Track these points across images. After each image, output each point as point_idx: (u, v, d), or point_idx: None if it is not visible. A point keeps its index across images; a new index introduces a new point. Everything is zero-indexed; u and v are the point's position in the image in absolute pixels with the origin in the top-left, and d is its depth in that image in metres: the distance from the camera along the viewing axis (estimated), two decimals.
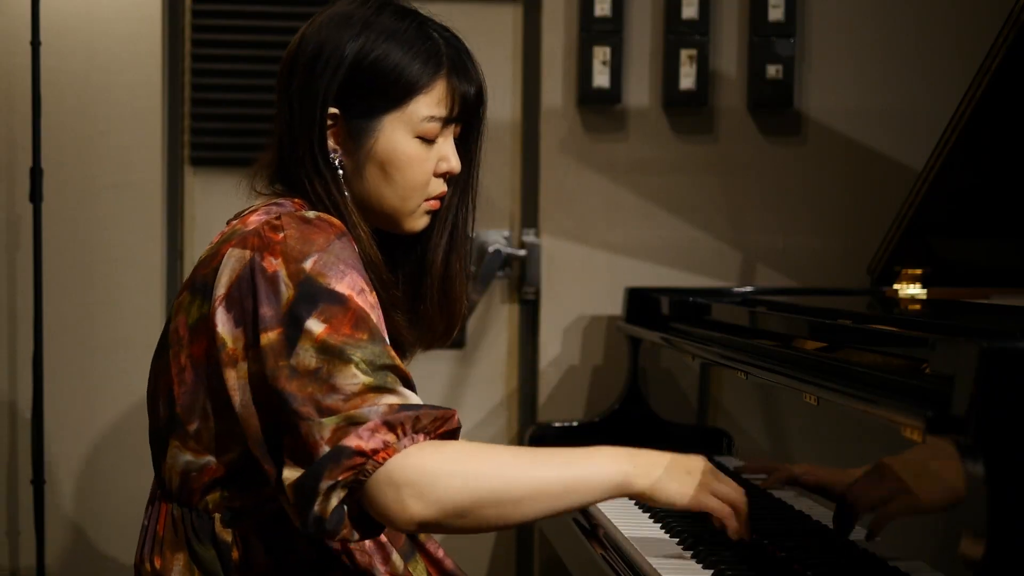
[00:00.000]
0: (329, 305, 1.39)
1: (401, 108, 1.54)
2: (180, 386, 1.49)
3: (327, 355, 1.37)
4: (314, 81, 1.54)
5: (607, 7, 2.95)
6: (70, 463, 2.94)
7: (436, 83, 1.57)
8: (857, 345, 1.63)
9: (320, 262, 1.41)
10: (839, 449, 1.61)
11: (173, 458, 1.50)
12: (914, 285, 2.45)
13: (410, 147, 1.55)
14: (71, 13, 2.92)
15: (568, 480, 1.42)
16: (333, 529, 1.36)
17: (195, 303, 1.49)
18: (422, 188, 1.58)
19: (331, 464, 1.34)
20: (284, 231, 1.43)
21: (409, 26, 1.58)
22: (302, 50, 1.57)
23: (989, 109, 2.06)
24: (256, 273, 1.42)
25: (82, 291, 2.94)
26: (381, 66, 1.53)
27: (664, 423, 2.51)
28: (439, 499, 1.35)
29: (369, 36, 1.54)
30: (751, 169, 3.03)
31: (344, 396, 1.36)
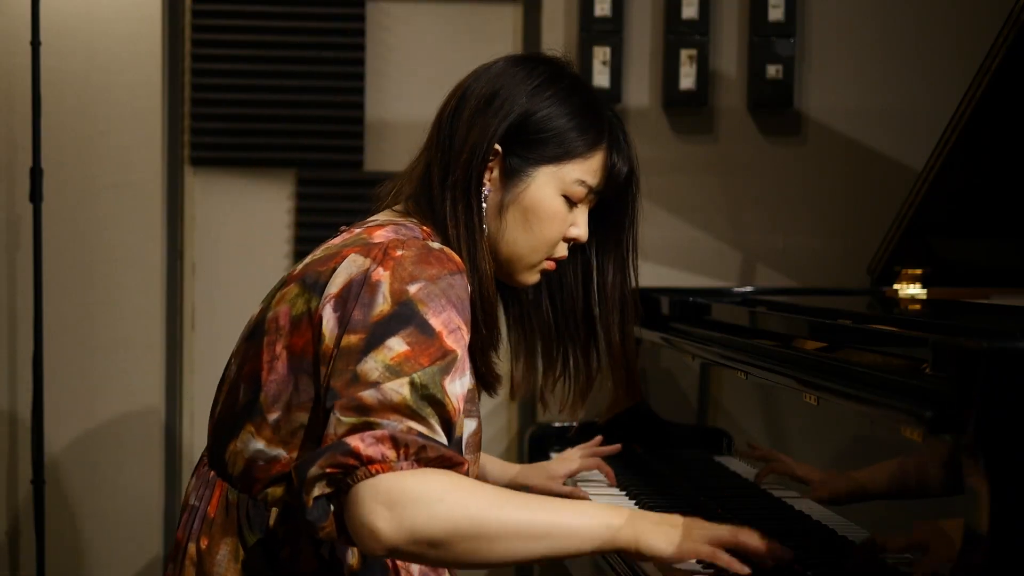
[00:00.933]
0: (417, 332, 1.39)
1: (558, 164, 1.61)
2: (270, 374, 1.49)
3: (393, 375, 1.36)
4: (487, 116, 1.61)
5: (607, 7, 2.95)
6: (70, 463, 2.95)
7: (595, 153, 1.64)
8: (857, 345, 1.63)
9: (425, 291, 1.42)
10: (839, 449, 1.61)
11: (244, 443, 1.50)
12: (914, 285, 2.45)
13: (555, 203, 1.62)
14: (71, 13, 2.92)
15: (551, 526, 1.39)
16: (315, 520, 1.34)
17: (303, 296, 1.49)
18: (551, 244, 1.64)
19: (327, 454, 1.32)
20: (404, 251, 1.46)
21: (584, 95, 1.65)
22: (477, 87, 1.65)
23: (989, 109, 2.06)
24: (365, 280, 1.44)
25: (82, 291, 2.94)
26: (552, 122, 1.61)
27: (664, 423, 2.51)
28: (412, 527, 1.32)
29: (547, 92, 1.62)
30: (751, 169, 3.03)
31: (381, 398, 1.35)
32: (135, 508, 2.97)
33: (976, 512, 1.19)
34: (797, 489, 1.72)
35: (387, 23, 3.05)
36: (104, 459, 2.96)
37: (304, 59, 3.01)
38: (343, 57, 3.02)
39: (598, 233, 1.73)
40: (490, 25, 3.05)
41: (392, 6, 3.05)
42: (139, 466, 2.97)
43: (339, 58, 3.02)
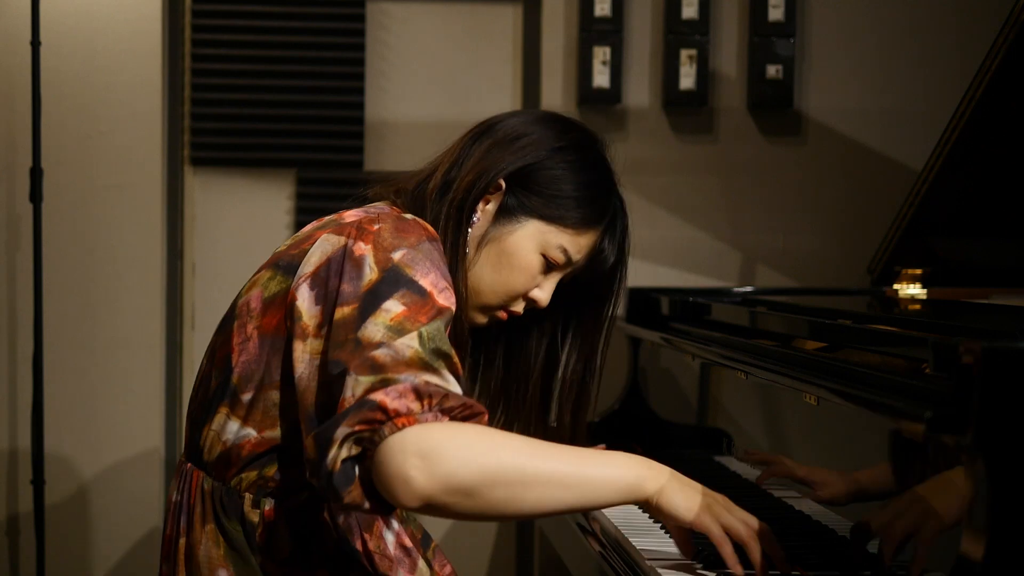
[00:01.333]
0: (410, 292, 1.42)
1: (549, 224, 1.62)
2: (241, 355, 1.51)
3: (396, 333, 1.37)
4: (504, 151, 1.62)
5: (607, 7, 2.95)
6: (70, 463, 2.94)
7: (588, 231, 1.64)
8: (857, 345, 1.63)
9: (408, 256, 1.45)
10: (839, 449, 1.61)
11: (219, 425, 1.52)
12: (914, 285, 2.45)
13: (533, 257, 1.63)
14: (71, 13, 2.92)
15: (582, 474, 1.39)
16: (341, 486, 1.33)
17: (275, 279, 1.52)
18: (512, 295, 1.65)
19: (352, 413, 1.32)
20: (380, 224, 1.49)
21: (603, 173, 1.67)
22: (509, 124, 1.66)
23: (989, 109, 2.06)
24: (346, 256, 1.46)
25: (82, 291, 2.94)
26: (560, 184, 1.62)
27: (664, 423, 2.51)
28: (446, 474, 1.31)
29: (569, 155, 1.63)
30: (751, 169, 3.03)
31: (395, 354, 1.35)
32: (135, 508, 2.97)
33: (976, 512, 1.19)
34: (797, 489, 1.73)
35: (387, 23, 3.05)
36: (104, 459, 2.96)
37: (304, 59, 3.01)
38: (343, 57, 3.02)
39: (574, 317, 1.74)
40: (490, 25, 3.06)
41: (392, 6, 3.05)
42: (139, 466, 2.97)
43: (339, 58, 3.02)
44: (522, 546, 3.09)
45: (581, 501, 1.40)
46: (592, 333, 1.75)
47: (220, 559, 1.51)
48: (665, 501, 1.43)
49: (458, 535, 3.04)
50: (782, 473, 1.80)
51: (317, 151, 3.03)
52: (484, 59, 3.04)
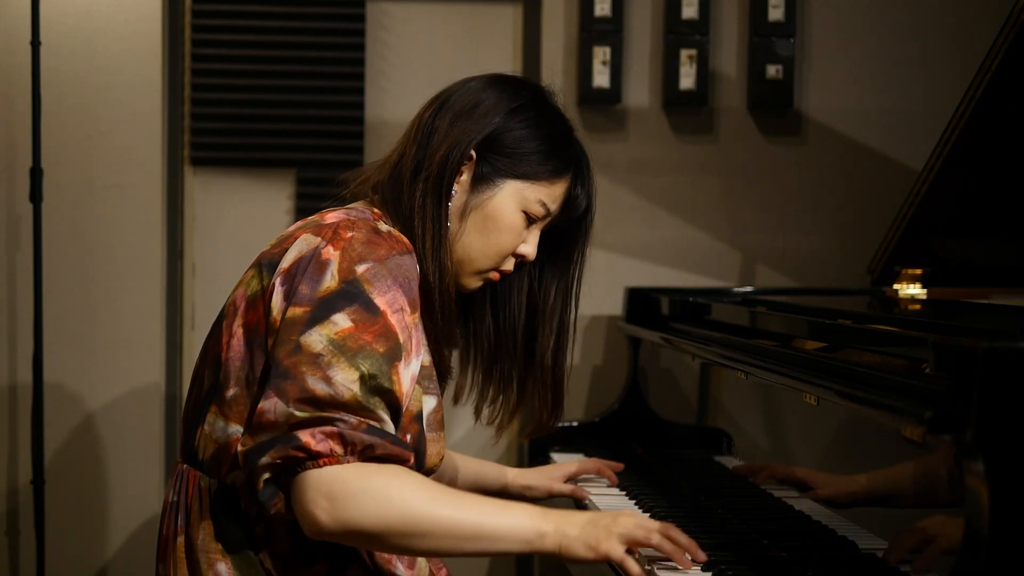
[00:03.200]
0: (362, 310, 1.47)
1: (525, 182, 1.68)
2: (227, 352, 1.56)
3: (338, 350, 1.44)
4: (467, 122, 1.66)
5: (607, 7, 2.95)
6: (70, 463, 2.94)
7: (560, 180, 1.71)
8: (857, 345, 1.63)
9: (372, 271, 1.50)
10: (839, 449, 1.61)
11: (211, 425, 1.56)
12: (914, 285, 2.45)
13: (515, 216, 1.68)
14: (71, 13, 2.92)
15: (481, 527, 1.46)
16: (266, 501, 1.45)
17: (257, 276, 1.58)
18: (503, 255, 1.70)
19: (278, 446, 1.42)
20: (354, 232, 1.53)
21: (560, 123, 1.73)
22: (461, 94, 1.71)
23: (989, 109, 2.06)
24: (313, 258, 1.51)
25: (82, 291, 2.94)
26: (526, 142, 1.68)
27: (664, 423, 2.51)
28: (347, 520, 1.42)
29: (527, 113, 1.69)
30: (751, 169, 3.03)
31: (333, 393, 1.43)
32: (135, 508, 2.97)
33: (976, 512, 1.19)
34: (797, 489, 1.73)
35: (387, 23, 3.05)
36: (104, 459, 2.96)
37: (304, 59, 3.01)
38: (343, 57, 3.02)
39: (548, 260, 1.80)
40: (490, 25, 3.06)
41: (392, 6, 3.05)
42: (139, 466, 2.97)
43: (339, 58, 3.02)
44: None
45: (476, 549, 1.48)
46: (567, 270, 1.81)
47: (218, 553, 1.54)
48: (566, 554, 1.49)
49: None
50: (781, 472, 1.80)
51: (317, 151, 3.03)
52: (484, 59, 3.03)
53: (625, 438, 2.61)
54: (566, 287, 1.81)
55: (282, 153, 3.02)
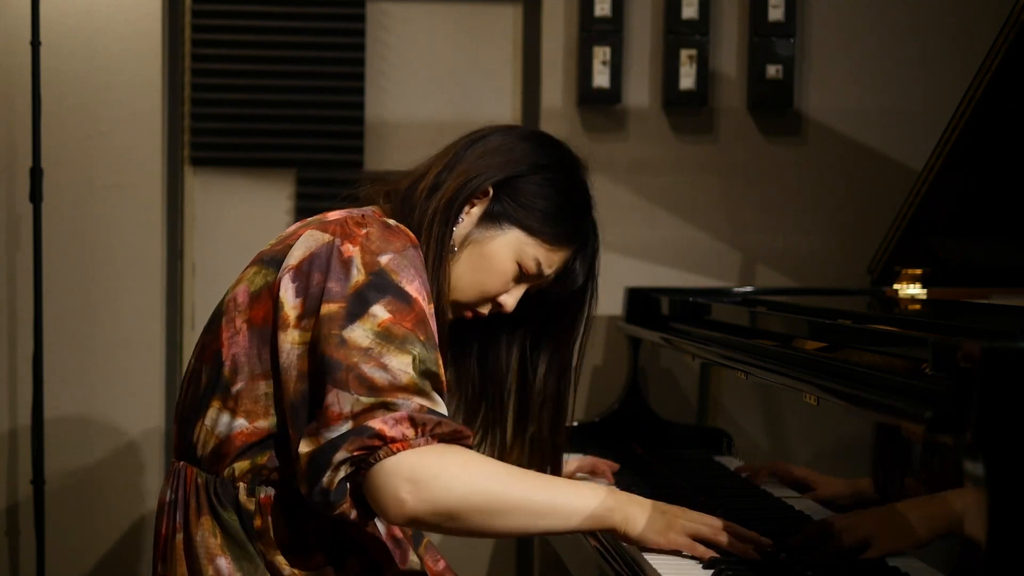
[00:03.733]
0: (396, 300, 1.50)
1: (528, 236, 1.69)
2: (231, 347, 1.57)
3: (385, 340, 1.47)
4: (495, 159, 1.69)
5: (607, 7, 2.95)
6: (70, 463, 2.94)
7: (561, 248, 1.73)
8: (857, 345, 1.63)
9: (395, 261, 1.52)
10: (839, 449, 1.61)
11: (212, 420, 1.58)
12: (914, 285, 2.45)
13: (510, 265, 1.70)
14: (71, 13, 2.92)
15: (554, 503, 1.52)
16: (336, 501, 1.46)
17: (260, 273, 1.59)
18: (483, 297, 1.72)
19: (352, 438, 1.43)
20: (367, 228, 1.56)
21: (581, 195, 1.76)
22: (500, 136, 1.73)
23: (989, 109, 2.06)
24: (332, 254, 1.53)
25: (82, 291, 2.94)
26: (542, 199, 1.70)
27: (664, 423, 2.51)
28: (433, 499, 1.45)
29: (551, 173, 1.71)
30: (751, 169, 3.03)
31: (392, 379, 1.46)
32: (135, 508, 2.97)
33: (976, 512, 1.19)
34: (797, 489, 1.73)
35: (387, 23, 3.05)
36: (104, 459, 2.96)
37: (304, 59, 3.01)
38: (343, 57, 3.02)
39: (545, 331, 1.82)
40: (490, 25, 3.06)
41: (392, 6, 3.05)
42: (139, 466, 2.97)
43: (339, 58, 3.02)
44: (522, 546, 3.09)
45: (551, 528, 1.53)
46: (564, 348, 1.84)
47: (218, 548, 1.55)
48: (632, 531, 1.57)
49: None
50: (781, 472, 1.80)
51: (317, 151, 3.03)
52: (484, 59, 3.04)
53: (625, 438, 2.61)
54: (563, 366, 1.83)
55: (282, 153, 3.02)
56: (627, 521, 1.55)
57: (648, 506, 1.58)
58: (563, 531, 1.55)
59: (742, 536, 1.59)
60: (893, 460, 1.41)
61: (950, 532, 1.25)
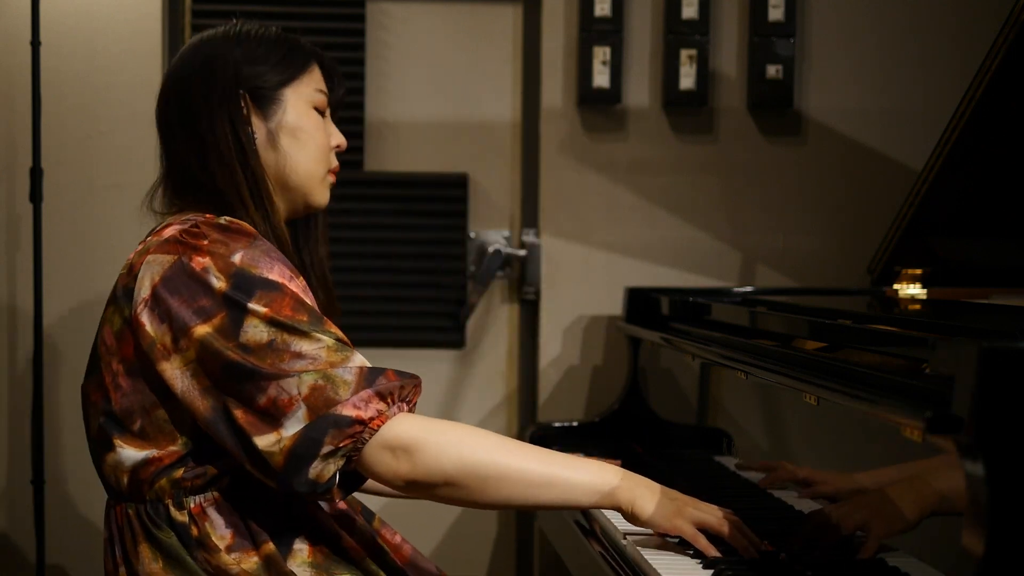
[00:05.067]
0: (265, 291, 1.51)
1: (293, 84, 1.71)
2: (116, 391, 1.57)
3: (279, 329, 1.48)
4: (217, 78, 1.67)
5: (607, 7, 2.95)
6: (70, 463, 2.94)
7: (314, 67, 1.76)
8: (857, 345, 1.63)
9: (247, 256, 1.53)
10: (839, 449, 1.61)
11: (117, 455, 1.57)
12: (914, 285, 2.45)
13: (312, 116, 1.72)
14: (71, 13, 2.92)
15: (553, 476, 1.52)
16: (325, 490, 1.49)
17: (117, 311, 1.59)
18: (327, 155, 1.74)
19: (331, 431, 1.44)
20: (207, 236, 1.54)
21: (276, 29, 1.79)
22: (190, 64, 1.71)
23: (989, 109, 2.06)
24: (184, 272, 1.52)
25: (82, 291, 2.94)
26: (267, 55, 1.72)
27: (664, 423, 2.51)
28: (428, 462, 1.48)
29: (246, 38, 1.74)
30: (751, 169, 3.03)
31: (312, 359, 1.47)
32: None
33: (976, 512, 1.19)
34: (797, 489, 1.73)
35: (387, 23, 3.05)
36: None
37: None
38: (343, 57, 3.02)
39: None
40: (490, 25, 3.06)
41: (392, 6, 3.05)
42: None
43: (339, 58, 3.01)
44: (522, 546, 3.09)
45: (551, 501, 1.53)
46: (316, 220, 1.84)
47: (160, 571, 1.55)
48: (640, 511, 1.56)
49: (458, 535, 3.04)
50: (781, 472, 1.80)
51: None
52: (484, 59, 3.04)
53: (625, 438, 2.61)
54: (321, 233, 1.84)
55: None
56: (635, 502, 1.55)
57: (658, 490, 1.58)
58: (565, 505, 1.55)
59: (746, 534, 1.59)
60: (893, 460, 1.41)
61: (949, 532, 1.25)
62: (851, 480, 1.56)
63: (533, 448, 1.56)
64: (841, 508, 1.57)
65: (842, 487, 1.59)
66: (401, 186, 2.98)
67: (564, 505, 1.55)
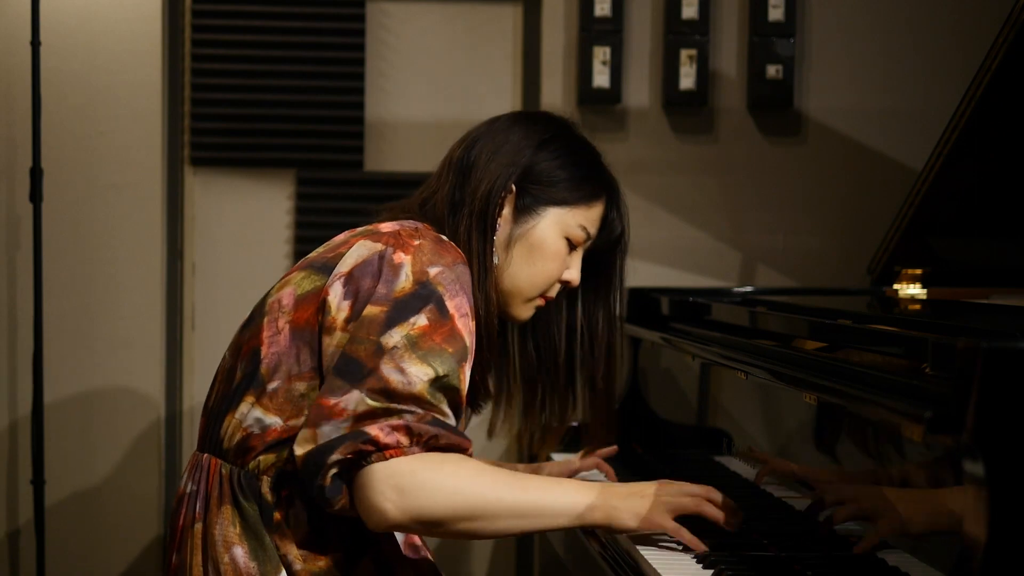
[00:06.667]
0: (436, 311, 1.53)
1: (565, 208, 1.74)
2: (271, 347, 1.59)
3: (412, 346, 1.50)
4: (504, 156, 1.72)
5: (607, 7, 2.95)
6: (70, 463, 2.94)
7: (597, 204, 1.78)
8: (857, 345, 1.63)
9: (443, 275, 1.56)
10: (839, 449, 1.61)
11: (243, 414, 1.59)
12: (914, 285, 2.45)
13: (559, 243, 1.75)
14: (71, 13, 2.92)
15: (538, 505, 1.55)
16: (332, 498, 1.49)
17: (310, 278, 1.62)
18: (549, 281, 1.77)
19: (347, 442, 1.46)
20: (420, 240, 1.59)
21: (588, 148, 1.81)
22: (488, 134, 1.76)
23: (989, 109, 2.06)
24: (384, 261, 1.56)
25: (82, 291, 2.94)
26: (561, 171, 1.74)
27: (664, 423, 2.51)
28: (417, 509, 1.48)
29: (558, 143, 1.76)
30: (751, 169, 3.03)
31: (406, 383, 1.48)
32: (135, 508, 2.97)
33: (975, 512, 1.19)
34: (797, 489, 1.73)
35: (387, 23, 3.05)
36: (104, 459, 2.96)
37: (304, 59, 3.01)
38: (343, 57, 3.02)
39: (585, 286, 1.86)
40: (490, 25, 3.06)
41: (392, 6, 3.05)
42: (139, 466, 2.97)
43: (339, 58, 3.02)
44: (522, 546, 3.09)
45: (539, 528, 1.57)
46: (608, 294, 1.88)
47: (236, 537, 1.57)
48: (615, 523, 1.58)
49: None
50: (781, 472, 1.79)
51: (317, 151, 3.03)
52: (484, 59, 3.04)
53: (625, 438, 2.61)
54: (609, 311, 1.88)
55: (282, 153, 3.02)
56: (609, 516, 1.57)
57: (625, 493, 1.59)
58: (551, 530, 1.60)
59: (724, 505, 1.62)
60: (893, 460, 1.41)
61: (949, 532, 1.25)
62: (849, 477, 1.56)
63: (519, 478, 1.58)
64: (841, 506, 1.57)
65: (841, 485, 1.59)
66: (401, 186, 2.98)
67: (545, 530, 1.60)
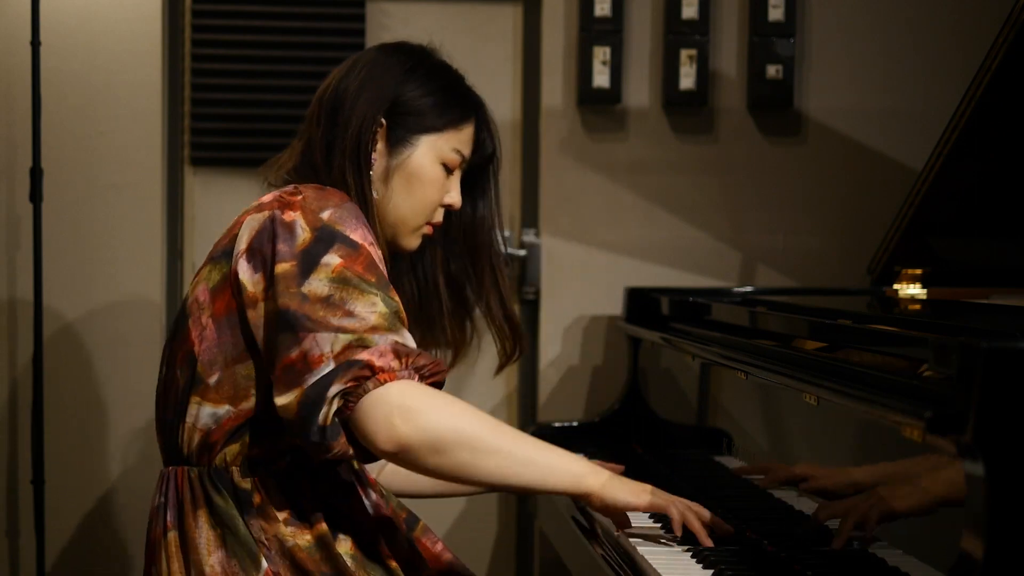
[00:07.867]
0: (344, 246, 1.56)
1: (437, 134, 1.77)
2: (201, 344, 1.61)
3: (342, 285, 1.52)
4: (368, 94, 1.74)
5: (607, 7, 2.95)
6: (70, 463, 2.94)
7: (466, 126, 1.81)
8: (857, 345, 1.64)
9: (336, 215, 1.59)
10: (839, 449, 1.61)
11: (194, 416, 1.61)
12: (914, 285, 2.45)
13: (436, 169, 1.77)
14: (71, 13, 2.92)
15: (536, 457, 1.57)
16: (332, 439, 1.49)
17: (215, 268, 1.63)
18: (432, 208, 1.79)
19: (343, 371, 1.48)
20: (302, 194, 1.61)
21: (449, 72, 1.84)
22: (353, 73, 1.78)
23: (989, 109, 2.06)
24: (276, 223, 1.57)
25: (82, 291, 2.94)
26: (427, 96, 1.77)
27: (664, 423, 2.51)
28: (423, 427, 1.49)
29: (417, 69, 1.79)
30: (751, 169, 3.03)
31: (360, 320, 1.51)
32: (135, 508, 2.97)
33: (975, 512, 1.19)
34: (797, 489, 1.73)
35: (387, 23, 3.05)
36: (104, 459, 2.96)
37: (304, 59, 3.01)
38: (343, 57, 2.99)
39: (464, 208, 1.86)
40: (490, 25, 3.06)
41: (392, 6, 3.05)
42: (139, 466, 2.97)
43: (339, 58, 2.99)
44: (522, 546, 3.09)
45: (530, 479, 1.56)
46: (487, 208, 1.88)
47: (216, 540, 1.58)
48: (610, 495, 1.60)
49: (458, 535, 3.04)
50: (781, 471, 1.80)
51: None
52: (484, 59, 3.04)
53: (625, 438, 2.61)
54: (489, 224, 1.88)
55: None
56: (605, 487, 1.59)
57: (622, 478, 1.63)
58: (542, 487, 1.60)
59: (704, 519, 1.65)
60: (893, 460, 1.41)
61: (949, 532, 1.25)
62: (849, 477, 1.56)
63: (517, 431, 1.62)
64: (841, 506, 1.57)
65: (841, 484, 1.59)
66: None
67: (541, 486, 1.60)
